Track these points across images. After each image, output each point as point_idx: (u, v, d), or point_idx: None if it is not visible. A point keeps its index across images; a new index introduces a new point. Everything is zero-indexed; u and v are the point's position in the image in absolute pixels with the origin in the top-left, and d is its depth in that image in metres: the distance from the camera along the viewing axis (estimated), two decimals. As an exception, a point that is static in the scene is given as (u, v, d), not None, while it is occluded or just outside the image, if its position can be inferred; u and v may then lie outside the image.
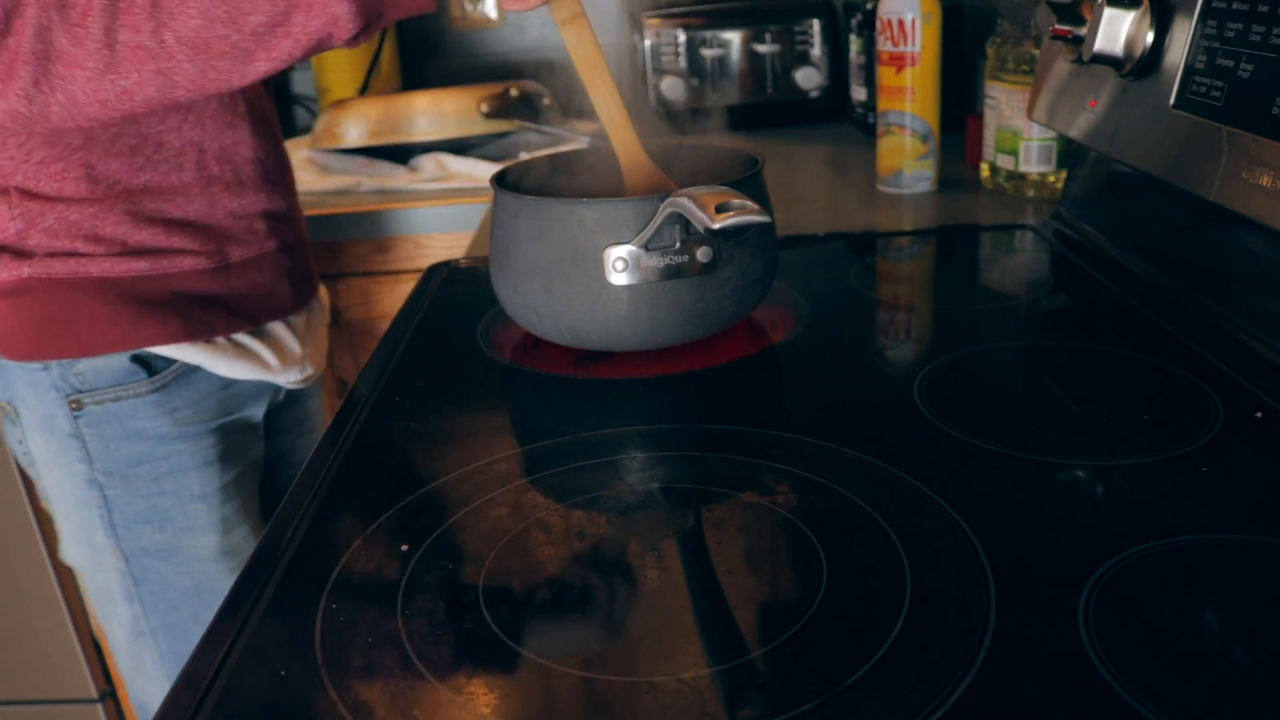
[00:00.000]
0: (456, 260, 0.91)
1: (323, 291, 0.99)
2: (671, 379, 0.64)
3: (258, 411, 0.90)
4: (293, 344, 0.90)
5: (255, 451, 0.91)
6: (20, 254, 0.76)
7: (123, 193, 0.77)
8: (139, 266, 0.78)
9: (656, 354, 0.66)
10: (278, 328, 0.89)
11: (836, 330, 0.71)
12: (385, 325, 0.84)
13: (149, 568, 0.85)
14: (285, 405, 0.96)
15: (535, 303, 0.64)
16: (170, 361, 0.81)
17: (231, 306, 0.84)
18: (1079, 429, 0.54)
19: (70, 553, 0.88)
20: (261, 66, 0.63)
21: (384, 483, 0.54)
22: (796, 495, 0.49)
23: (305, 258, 0.93)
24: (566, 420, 0.59)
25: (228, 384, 0.86)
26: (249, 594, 0.45)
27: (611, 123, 0.68)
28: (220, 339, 0.84)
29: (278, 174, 0.88)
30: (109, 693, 1.51)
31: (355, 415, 0.61)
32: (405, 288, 1.24)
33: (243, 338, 0.85)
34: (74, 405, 0.80)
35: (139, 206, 0.78)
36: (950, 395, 0.59)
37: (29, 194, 0.75)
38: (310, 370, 0.92)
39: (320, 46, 0.63)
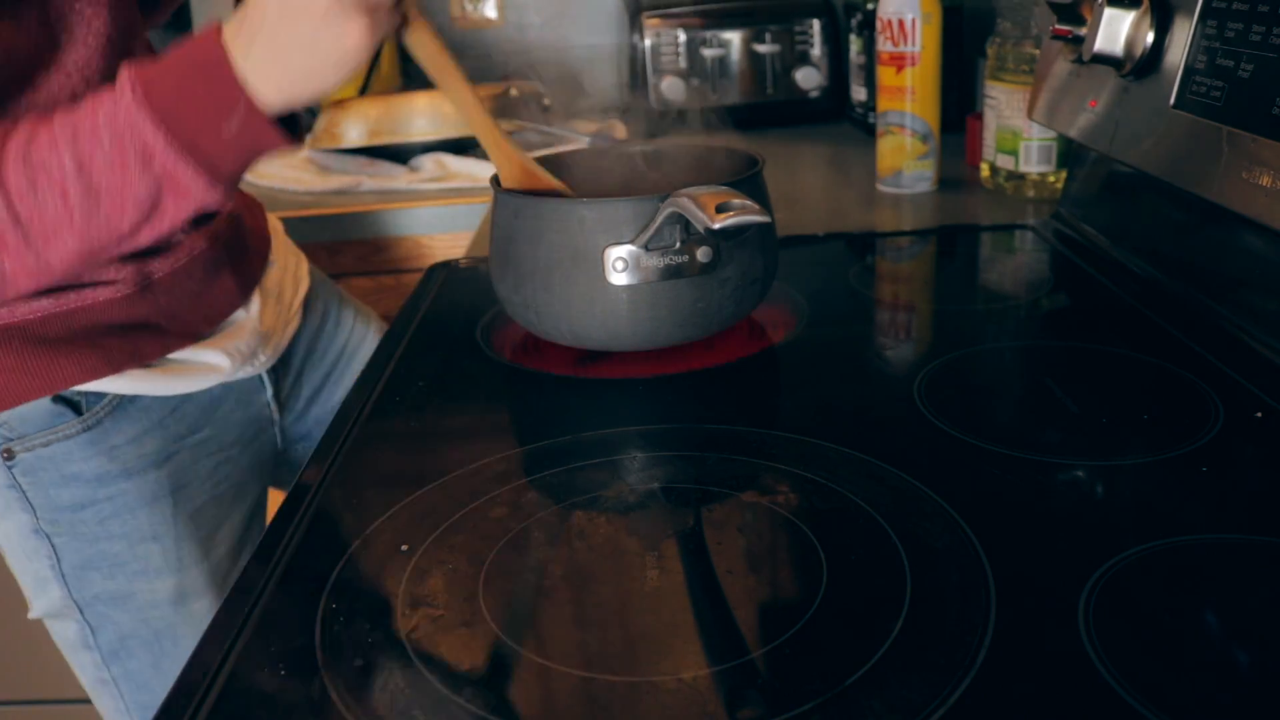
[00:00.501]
0: (457, 260, 0.91)
1: (276, 227, 0.91)
2: (671, 379, 0.64)
3: (214, 427, 0.81)
4: (244, 335, 0.80)
5: (249, 457, 0.84)
6: None
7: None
8: (43, 306, 0.70)
9: (656, 354, 0.66)
10: (223, 327, 0.80)
11: (836, 330, 0.71)
12: (385, 325, 0.84)
13: (104, 615, 0.79)
14: (257, 396, 0.87)
15: (535, 302, 0.64)
16: (100, 396, 0.74)
17: (162, 326, 0.75)
18: (1079, 429, 0.54)
19: (34, 606, 0.82)
20: (146, 240, 0.62)
21: (384, 483, 0.54)
22: (796, 495, 0.49)
23: (243, 232, 0.82)
24: (566, 420, 0.59)
25: (174, 405, 0.77)
26: (249, 594, 0.45)
27: (474, 124, 0.67)
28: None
29: None
30: (109, 693, 1.50)
31: (356, 415, 0.61)
32: (405, 288, 1.24)
33: (179, 354, 0.76)
34: (5, 455, 0.74)
35: (29, 239, 0.68)
36: (950, 395, 0.59)
37: None
38: (272, 351, 0.84)
39: (201, 213, 0.62)
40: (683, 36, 1.46)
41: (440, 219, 1.22)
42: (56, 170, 0.58)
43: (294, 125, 0.62)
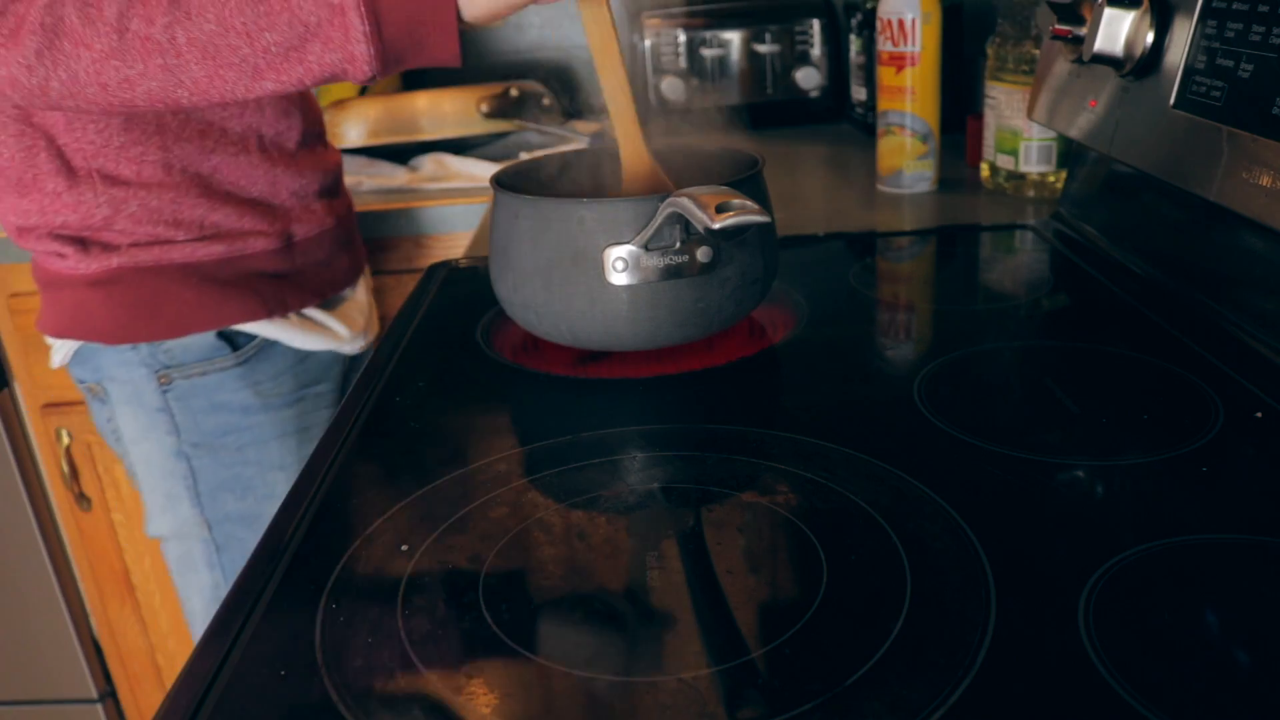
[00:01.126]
0: (456, 260, 0.91)
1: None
2: (671, 379, 0.64)
3: (330, 384, 0.95)
4: (356, 313, 0.95)
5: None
6: (108, 246, 0.80)
7: (195, 176, 0.81)
8: (217, 250, 0.82)
9: (656, 354, 0.66)
10: (342, 299, 0.94)
11: (836, 330, 0.71)
12: (385, 325, 0.84)
13: (231, 534, 0.89)
14: (351, 373, 1.00)
15: (535, 303, 0.64)
16: (251, 337, 0.86)
17: (299, 282, 0.89)
18: (1079, 429, 0.54)
19: (155, 525, 0.91)
20: (269, 86, 0.62)
21: (384, 482, 0.54)
22: (796, 495, 0.49)
23: (353, 228, 0.98)
24: (566, 420, 0.59)
25: (303, 357, 0.90)
26: (249, 594, 0.45)
27: (617, 111, 0.67)
28: (293, 314, 0.89)
29: (324, 152, 0.92)
30: (109, 693, 1.51)
31: (355, 415, 0.61)
32: (405, 288, 1.24)
33: (313, 312, 0.91)
34: (163, 380, 0.84)
35: (211, 190, 0.82)
36: (950, 395, 0.59)
37: (111, 179, 0.78)
38: (371, 336, 0.97)
39: (333, 79, 0.62)
40: (683, 36, 1.46)
41: (440, 219, 1.22)
42: None
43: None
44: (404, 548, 0.47)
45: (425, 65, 0.63)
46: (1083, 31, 0.74)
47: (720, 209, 0.52)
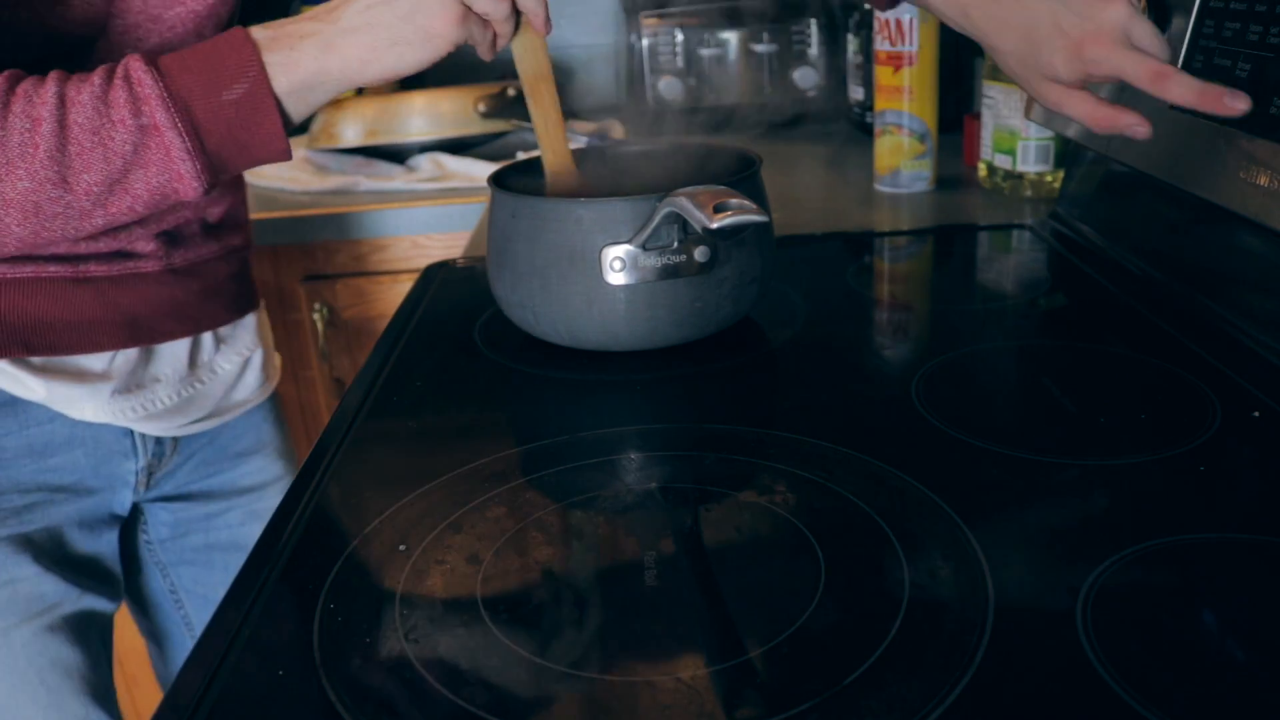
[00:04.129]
0: (454, 260, 0.91)
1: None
2: (669, 379, 0.64)
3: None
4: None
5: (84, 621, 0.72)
6: None
7: None
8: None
9: (654, 354, 0.66)
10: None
11: (834, 330, 0.71)
12: (382, 325, 0.84)
13: None
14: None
15: (533, 302, 0.64)
16: None
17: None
18: (1077, 428, 0.54)
19: None
20: (99, 223, 0.57)
21: (382, 482, 0.54)
22: (794, 495, 0.49)
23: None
24: (564, 420, 0.59)
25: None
26: (248, 594, 0.45)
27: (549, 140, 0.68)
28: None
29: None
30: (106, 693, 1.50)
31: (353, 415, 0.61)
32: (402, 288, 1.23)
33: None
34: None
35: None
36: (948, 395, 0.59)
37: None
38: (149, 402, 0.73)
39: (165, 201, 0.57)
40: (680, 36, 1.46)
41: (437, 219, 1.22)
42: (39, 99, 0.53)
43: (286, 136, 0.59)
44: (402, 547, 0.47)
45: (254, 166, 0.59)
46: (1080, 31, 0.74)
47: (718, 209, 0.52)
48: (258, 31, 0.57)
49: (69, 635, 0.71)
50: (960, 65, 1.32)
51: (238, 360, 0.79)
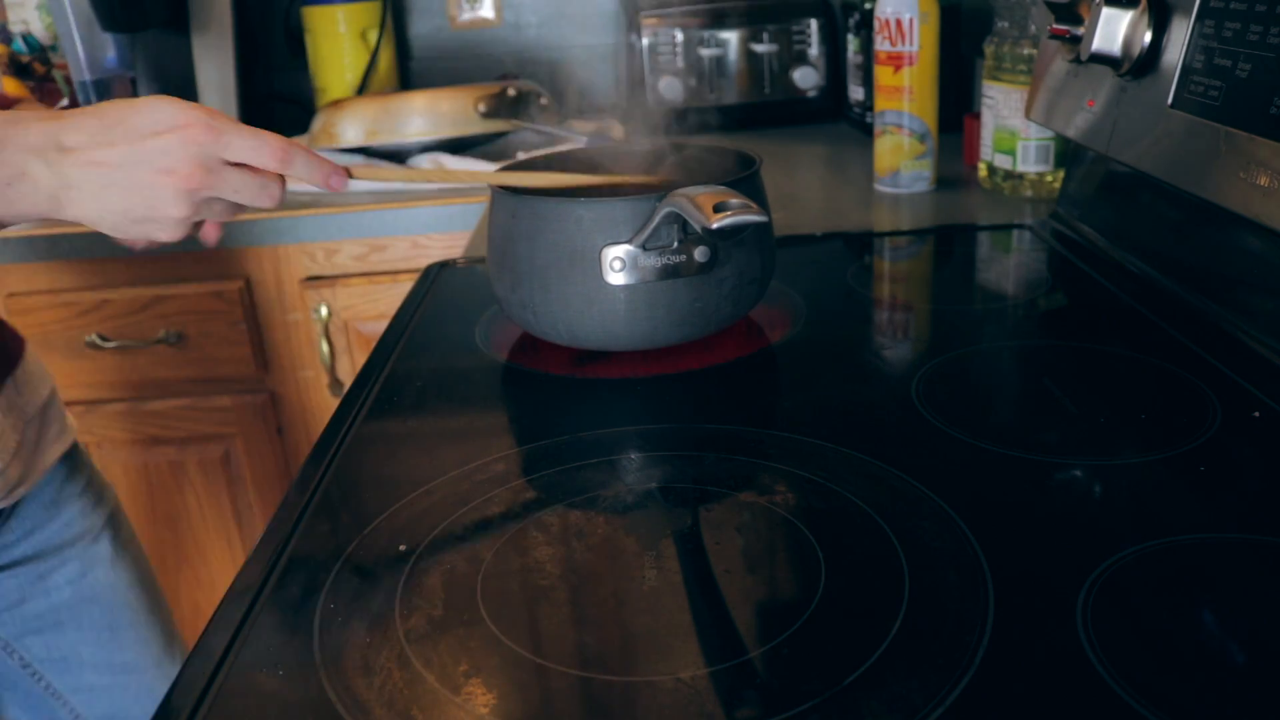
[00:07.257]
0: (454, 260, 0.91)
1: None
2: (669, 379, 0.64)
3: None
4: None
5: None
6: None
7: None
8: None
9: (654, 354, 0.66)
10: None
11: (834, 330, 0.71)
12: (383, 325, 0.84)
13: None
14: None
15: (533, 302, 0.64)
16: None
17: None
18: (1077, 428, 0.54)
19: None
20: None
21: (382, 482, 0.54)
22: (794, 495, 0.49)
23: None
24: (564, 420, 0.59)
25: None
26: (248, 594, 0.45)
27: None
28: None
29: None
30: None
31: (353, 415, 0.61)
32: (403, 288, 1.23)
33: None
34: None
35: None
36: (948, 395, 0.59)
37: None
38: None
39: None
40: (680, 36, 1.46)
41: (437, 219, 1.22)
42: None
43: None
44: (402, 547, 0.47)
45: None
46: (1080, 31, 0.74)
47: (718, 209, 0.52)
48: None
49: None
50: (960, 65, 1.32)
51: (18, 427, 0.75)
